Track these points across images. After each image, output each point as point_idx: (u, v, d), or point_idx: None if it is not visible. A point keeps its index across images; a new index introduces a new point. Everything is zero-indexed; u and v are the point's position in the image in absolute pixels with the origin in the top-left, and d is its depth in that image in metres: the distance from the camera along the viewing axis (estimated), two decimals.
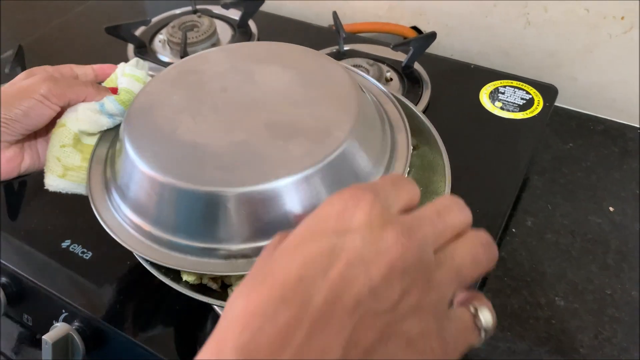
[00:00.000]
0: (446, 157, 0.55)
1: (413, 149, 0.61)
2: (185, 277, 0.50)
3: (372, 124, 0.51)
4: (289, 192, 0.43)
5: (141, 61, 0.63)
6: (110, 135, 0.58)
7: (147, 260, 0.48)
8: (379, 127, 0.51)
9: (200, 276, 0.51)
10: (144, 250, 0.47)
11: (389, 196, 0.32)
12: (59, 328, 0.63)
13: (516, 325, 0.70)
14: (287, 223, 0.43)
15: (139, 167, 0.46)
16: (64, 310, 0.66)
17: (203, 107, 0.50)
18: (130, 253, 0.48)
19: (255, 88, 0.51)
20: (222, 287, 0.52)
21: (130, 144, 0.48)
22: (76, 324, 0.65)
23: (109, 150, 0.57)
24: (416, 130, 0.61)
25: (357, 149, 0.46)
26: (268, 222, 0.43)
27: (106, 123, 0.57)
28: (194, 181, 0.43)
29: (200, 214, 0.44)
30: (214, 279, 0.51)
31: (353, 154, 0.46)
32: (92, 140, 0.58)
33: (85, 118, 0.55)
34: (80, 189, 0.57)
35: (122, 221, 0.50)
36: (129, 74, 0.59)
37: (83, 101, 0.56)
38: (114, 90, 0.58)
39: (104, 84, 0.62)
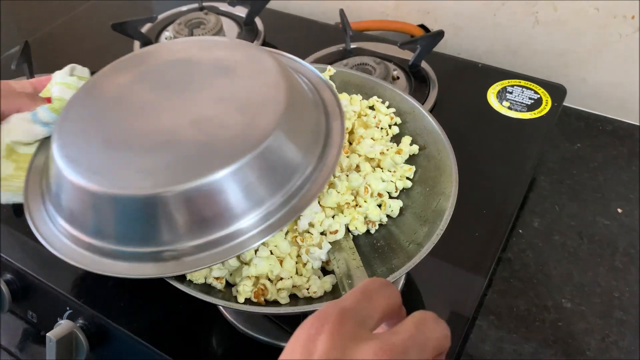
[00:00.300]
0: (453, 158, 0.55)
1: (420, 149, 0.61)
2: (189, 277, 0.50)
3: (303, 112, 0.50)
4: (216, 188, 0.42)
5: (79, 67, 0.64)
6: (48, 144, 0.56)
7: None
8: (312, 115, 0.51)
9: (205, 275, 0.51)
10: (77, 258, 0.47)
11: (362, 309, 0.29)
12: (63, 325, 0.63)
13: (522, 327, 0.69)
14: (221, 216, 0.44)
15: (65, 175, 0.46)
16: (68, 308, 0.66)
17: (132, 109, 0.50)
18: None
19: (185, 86, 0.51)
20: (227, 286, 0.52)
21: (57, 151, 0.48)
22: (80, 321, 0.65)
23: (46, 159, 0.56)
24: (423, 130, 0.60)
25: (285, 138, 0.46)
26: (197, 220, 0.44)
27: (41, 132, 0.57)
28: (118, 187, 0.43)
29: (126, 218, 0.44)
30: (218, 278, 0.51)
31: (280, 144, 0.45)
32: (30, 150, 0.58)
33: (18, 128, 0.56)
34: (18, 198, 0.57)
35: (56, 229, 0.50)
36: (60, 82, 0.60)
37: (17, 112, 0.57)
38: (50, 100, 0.59)
39: (41, 94, 0.62)
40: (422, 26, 1.03)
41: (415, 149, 0.60)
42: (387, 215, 0.57)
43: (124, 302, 0.64)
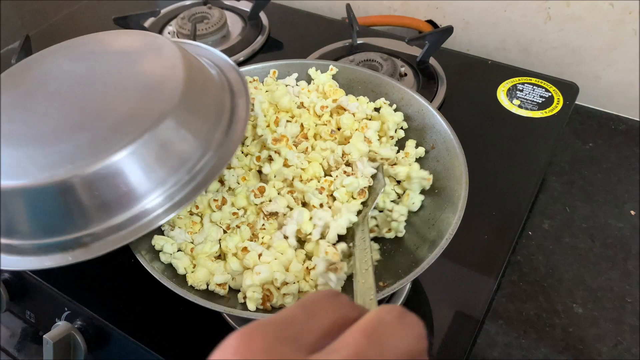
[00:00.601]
0: (463, 159, 0.53)
1: (427, 151, 0.59)
2: (190, 282, 0.48)
3: (205, 91, 0.52)
4: (114, 171, 0.43)
5: None
6: None
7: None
8: (215, 94, 0.53)
9: (207, 281, 0.49)
10: None
11: (297, 326, 0.25)
12: (61, 327, 0.62)
13: (532, 333, 0.67)
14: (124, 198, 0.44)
15: None
16: (66, 309, 0.64)
17: (33, 102, 0.50)
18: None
19: (81, 78, 0.52)
20: (231, 291, 0.50)
21: None
22: (78, 322, 0.63)
23: None
24: (432, 129, 0.58)
25: (183, 117, 0.47)
26: (100, 205, 0.44)
27: None
28: (13, 179, 0.43)
29: (29, 211, 0.44)
30: (221, 284, 0.49)
31: (179, 123, 0.46)
32: None
33: None
34: None
35: None
36: None
37: None
38: None
39: None
40: (430, 22, 1.01)
41: (421, 151, 0.58)
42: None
43: (123, 303, 0.63)
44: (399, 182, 0.57)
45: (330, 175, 0.55)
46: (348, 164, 0.55)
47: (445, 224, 0.50)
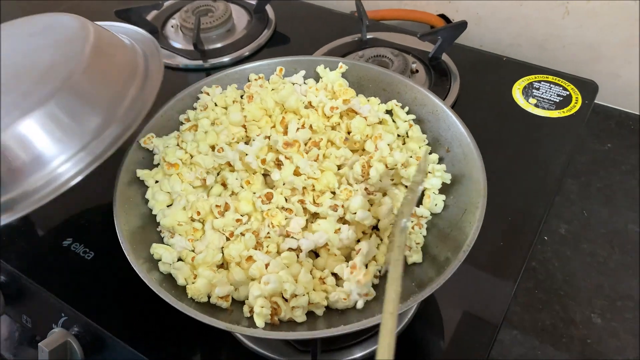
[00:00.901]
0: (481, 164, 0.49)
1: (440, 157, 0.56)
2: (190, 294, 0.46)
3: (114, 55, 0.55)
4: (21, 136, 0.45)
5: None
6: None
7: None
8: (126, 58, 0.56)
9: (208, 294, 0.46)
10: None
11: None
12: (57, 334, 0.59)
13: (548, 345, 0.64)
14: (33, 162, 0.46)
15: None
16: (63, 314, 0.62)
17: None
18: (141, 237, 0.48)
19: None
20: (234, 304, 0.47)
21: None
22: (75, 329, 0.61)
23: None
24: (447, 130, 0.55)
25: (86, 86, 0.49)
26: (8, 171, 0.46)
27: None
28: None
29: None
30: (224, 296, 0.46)
31: (84, 86, 0.49)
32: None
33: None
34: None
35: None
36: None
37: None
38: None
39: None
40: (442, 16, 0.97)
41: (435, 158, 0.55)
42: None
43: (122, 310, 0.60)
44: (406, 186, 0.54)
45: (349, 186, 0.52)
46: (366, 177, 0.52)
47: (461, 235, 0.47)
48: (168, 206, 0.53)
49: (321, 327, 0.44)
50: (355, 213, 0.49)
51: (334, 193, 0.52)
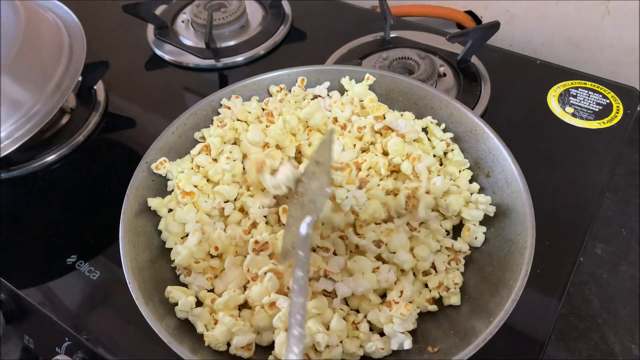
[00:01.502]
0: (528, 197, 0.44)
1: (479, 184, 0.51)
2: (207, 342, 0.41)
3: (40, 46, 0.61)
4: None
5: None
6: None
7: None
8: (51, 47, 0.62)
9: (227, 341, 0.42)
10: None
11: None
12: None
13: None
14: None
15: None
16: (66, 339, 0.58)
17: None
18: (152, 273, 0.45)
19: None
20: (258, 351, 0.43)
21: None
22: (80, 355, 0.57)
23: None
24: (487, 153, 0.50)
25: (17, 70, 0.57)
26: None
27: None
28: None
29: None
30: (246, 346, 0.42)
31: (12, 75, 0.57)
32: None
33: None
34: None
35: None
36: None
37: None
38: None
39: None
40: (469, 12, 0.91)
41: (475, 187, 0.50)
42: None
43: (129, 338, 0.56)
44: (444, 216, 0.49)
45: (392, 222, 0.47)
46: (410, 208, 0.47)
47: (504, 276, 0.42)
48: (182, 237, 0.48)
49: None
50: (394, 252, 0.44)
51: (377, 224, 0.47)
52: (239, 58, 0.83)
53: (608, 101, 0.73)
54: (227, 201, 0.50)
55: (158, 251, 0.48)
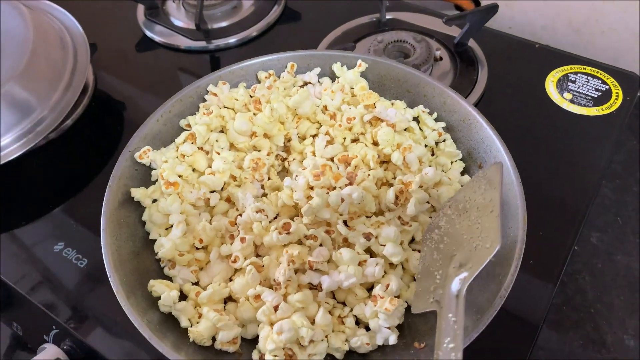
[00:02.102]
0: (520, 191, 0.43)
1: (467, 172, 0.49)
2: (192, 337, 0.40)
3: (47, 56, 0.63)
4: None
5: None
6: None
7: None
8: (56, 57, 0.64)
9: (212, 336, 0.41)
10: None
11: None
12: (47, 352, 0.55)
13: None
14: None
15: None
16: (54, 327, 0.57)
17: None
18: (135, 265, 0.44)
19: None
20: (243, 344, 0.42)
21: None
22: (67, 343, 0.56)
23: None
24: (480, 143, 0.49)
25: (25, 81, 0.60)
26: None
27: None
28: None
29: None
30: (232, 340, 0.41)
31: (22, 86, 0.60)
32: None
33: None
34: None
35: None
36: None
37: None
38: None
39: None
40: None
41: (466, 179, 0.49)
42: None
43: (117, 327, 0.55)
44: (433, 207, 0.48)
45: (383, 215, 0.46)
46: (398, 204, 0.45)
47: (495, 269, 0.41)
48: (167, 229, 0.47)
49: None
50: (384, 245, 0.43)
51: (368, 217, 0.46)
52: (231, 40, 0.81)
53: (607, 87, 0.71)
54: (213, 191, 0.49)
55: (142, 242, 0.47)
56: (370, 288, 0.45)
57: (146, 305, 0.42)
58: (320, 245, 0.44)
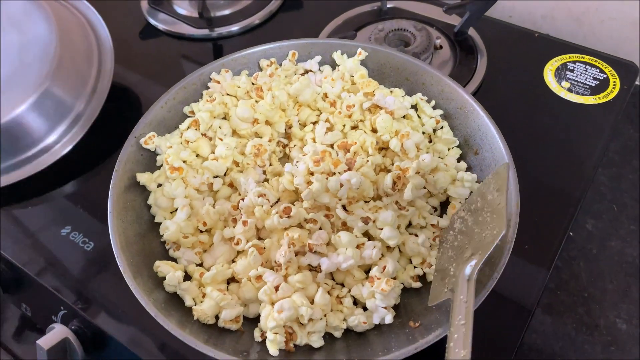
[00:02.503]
0: (514, 176, 0.44)
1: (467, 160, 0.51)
2: (197, 316, 0.42)
3: (76, 53, 0.66)
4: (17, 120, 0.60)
5: None
6: None
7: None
8: (84, 53, 0.67)
9: (216, 314, 0.43)
10: None
11: None
12: (56, 331, 0.56)
13: (568, 350, 0.61)
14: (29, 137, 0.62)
15: None
16: (62, 308, 0.59)
17: None
18: (141, 247, 0.46)
19: None
20: (245, 323, 0.44)
21: None
22: (75, 324, 0.58)
23: None
24: (476, 131, 0.50)
25: (60, 79, 0.62)
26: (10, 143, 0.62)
27: None
28: None
29: None
30: (234, 319, 0.42)
31: (58, 84, 0.62)
32: None
33: None
34: None
35: None
36: None
37: None
38: None
39: None
40: None
41: (463, 166, 0.50)
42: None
43: (123, 307, 0.57)
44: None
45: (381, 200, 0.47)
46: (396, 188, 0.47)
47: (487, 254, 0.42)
48: (172, 212, 0.49)
49: (340, 354, 0.41)
50: (382, 229, 0.44)
51: (366, 202, 0.47)
52: (234, 28, 0.82)
53: (605, 76, 0.72)
54: (216, 176, 0.50)
55: (147, 225, 0.49)
56: (367, 270, 0.46)
57: (152, 285, 0.43)
58: (320, 229, 0.45)
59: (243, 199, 0.48)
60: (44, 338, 0.56)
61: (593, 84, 0.71)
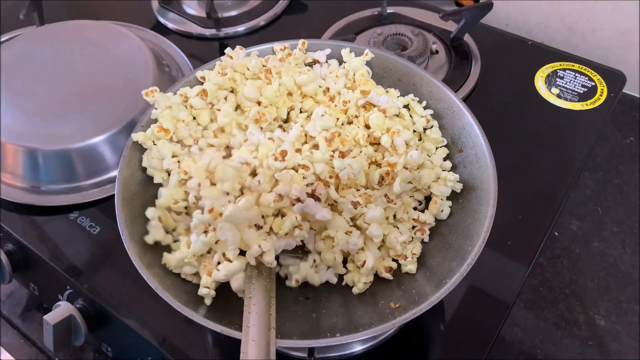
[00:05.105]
0: (493, 170, 0.47)
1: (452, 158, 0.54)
2: (183, 275, 0.46)
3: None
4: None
5: None
6: None
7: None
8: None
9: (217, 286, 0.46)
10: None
11: None
12: (62, 308, 0.60)
13: (548, 344, 0.64)
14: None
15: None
16: (68, 287, 0.63)
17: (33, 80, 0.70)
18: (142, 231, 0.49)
19: (62, 65, 0.72)
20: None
21: None
22: (80, 302, 0.61)
23: None
24: (462, 130, 0.53)
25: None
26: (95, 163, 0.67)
27: None
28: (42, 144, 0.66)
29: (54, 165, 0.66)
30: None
31: None
32: None
33: None
34: None
35: None
36: None
37: None
38: None
39: None
40: None
41: (447, 165, 0.53)
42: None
43: (127, 287, 0.60)
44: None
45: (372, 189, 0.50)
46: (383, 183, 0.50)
47: (465, 244, 0.46)
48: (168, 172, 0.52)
49: (320, 329, 0.44)
50: (369, 224, 0.48)
51: (358, 190, 0.51)
52: (240, 28, 0.85)
53: (593, 83, 0.75)
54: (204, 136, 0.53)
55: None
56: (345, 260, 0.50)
57: (149, 260, 0.47)
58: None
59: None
60: (50, 314, 0.60)
61: (581, 91, 0.74)
